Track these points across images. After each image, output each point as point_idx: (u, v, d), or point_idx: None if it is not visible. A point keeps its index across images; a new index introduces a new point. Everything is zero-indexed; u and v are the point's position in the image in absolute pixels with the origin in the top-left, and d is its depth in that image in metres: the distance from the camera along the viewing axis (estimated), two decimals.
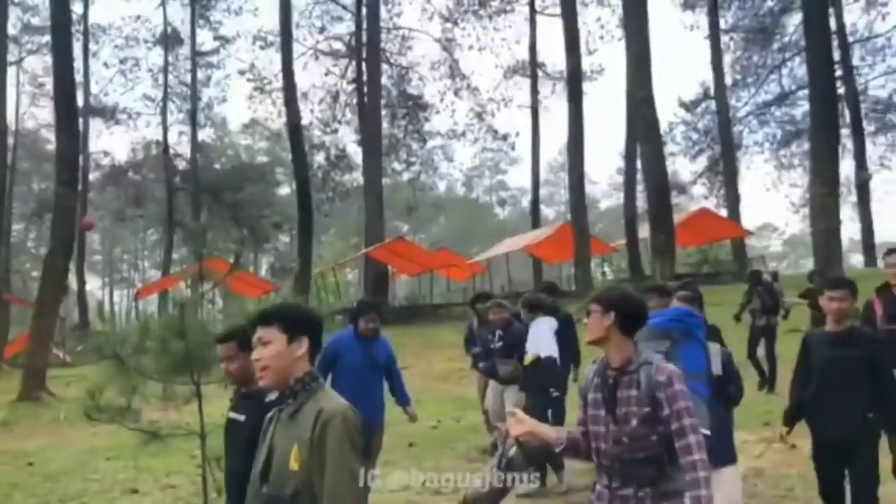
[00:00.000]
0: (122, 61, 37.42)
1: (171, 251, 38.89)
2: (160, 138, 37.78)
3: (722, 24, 33.46)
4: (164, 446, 5.73)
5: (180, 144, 38.93)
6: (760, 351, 10.17)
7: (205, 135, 42.04)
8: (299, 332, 2.22)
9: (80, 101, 35.01)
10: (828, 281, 4.73)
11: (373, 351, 5.54)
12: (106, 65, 38.00)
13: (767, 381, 9.84)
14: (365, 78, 28.74)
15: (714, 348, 3.99)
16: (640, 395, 2.53)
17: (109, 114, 37.07)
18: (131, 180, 38.53)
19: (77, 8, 34.97)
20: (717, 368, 3.89)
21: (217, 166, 43.89)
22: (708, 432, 2.86)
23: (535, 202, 34.36)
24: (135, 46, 37.82)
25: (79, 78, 34.74)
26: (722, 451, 3.83)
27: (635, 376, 2.56)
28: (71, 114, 17.02)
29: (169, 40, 37.24)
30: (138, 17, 38.25)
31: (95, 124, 37.52)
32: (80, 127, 35.80)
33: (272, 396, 2.28)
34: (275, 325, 2.20)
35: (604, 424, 2.60)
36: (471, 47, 49.79)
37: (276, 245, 48.88)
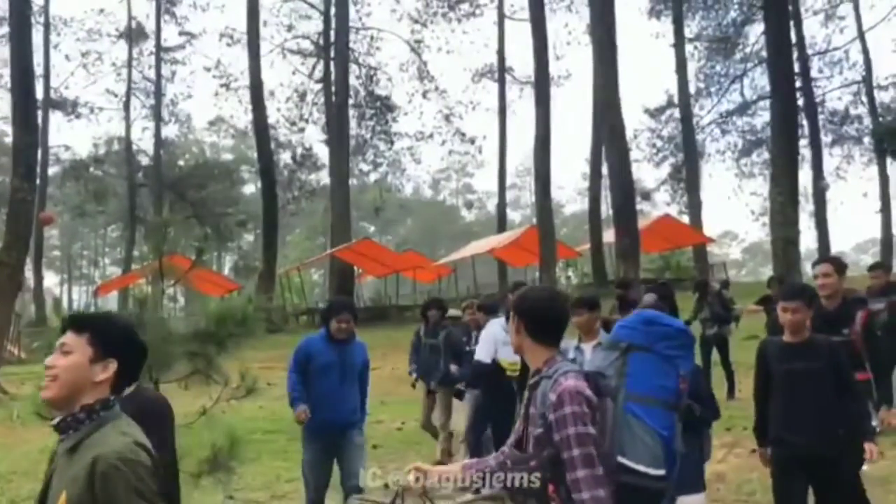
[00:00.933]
0: (84, 54, 36.63)
1: (133, 248, 38.12)
2: (123, 134, 37.07)
3: (687, 33, 33.94)
4: None
5: (143, 140, 38.26)
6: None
7: (169, 131, 41.34)
8: (110, 353, 1.87)
9: (39, 94, 34.39)
10: (781, 290, 4.44)
11: (346, 353, 5.22)
12: (67, 57, 37.18)
13: (727, 388, 9.78)
14: (333, 77, 28.52)
15: None
16: (536, 414, 2.26)
17: (70, 107, 36.19)
18: (92, 176, 37.67)
19: None
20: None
21: (181, 163, 43.17)
22: (661, 472, 2.47)
23: (502, 205, 34.45)
24: (98, 40, 37.06)
25: (39, 70, 34.15)
26: (684, 478, 3.46)
27: (537, 391, 2.29)
28: (29, 106, 16.57)
29: (133, 34, 36.56)
30: (101, 10, 37.52)
31: (56, 118, 36.61)
32: (40, 120, 35.11)
33: (54, 420, 1.88)
34: (86, 335, 1.87)
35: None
36: (439, 49, 49.86)
37: (241, 244, 48.24)
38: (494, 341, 6.18)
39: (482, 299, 7.21)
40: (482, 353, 6.21)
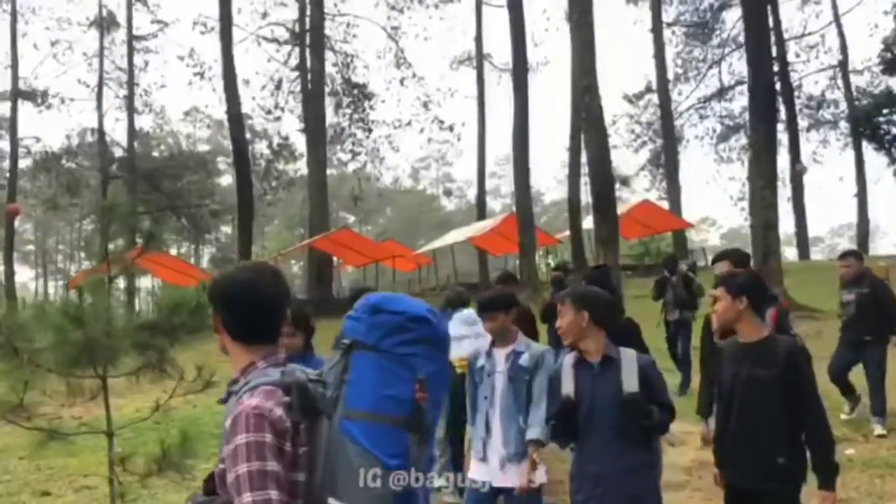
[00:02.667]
0: (54, 43, 35.77)
1: (107, 241, 37.41)
2: (96, 125, 36.30)
3: (665, 19, 33.84)
4: (77, 445, 5.28)
5: (117, 131, 37.61)
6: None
7: (143, 122, 40.61)
8: None
9: (7, 84, 33.61)
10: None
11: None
12: (36, 46, 36.28)
13: (680, 382, 8.89)
14: (308, 65, 28.05)
15: (627, 355, 3.23)
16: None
17: (40, 98, 35.34)
18: (65, 168, 36.90)
19: None
20: (630, 384, 3.12)
21: (156, 154, 42.47)
22: None
23: (481, 194, 34.20)
24: (68, 29, 36.31)
25: (7, 60, 33.37)
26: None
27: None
28: None
29: (104, 23, 35.71)
30: None
31: (25, 108, 35.78)
32: (8, 111, 34.40)
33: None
34: None
35: None
36: (417, 36, 49.36)
37: (219, 236, 47.67)
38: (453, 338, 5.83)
39: (448, 291, 6.71)
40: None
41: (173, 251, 52.49)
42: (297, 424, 1.70)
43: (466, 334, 5.70)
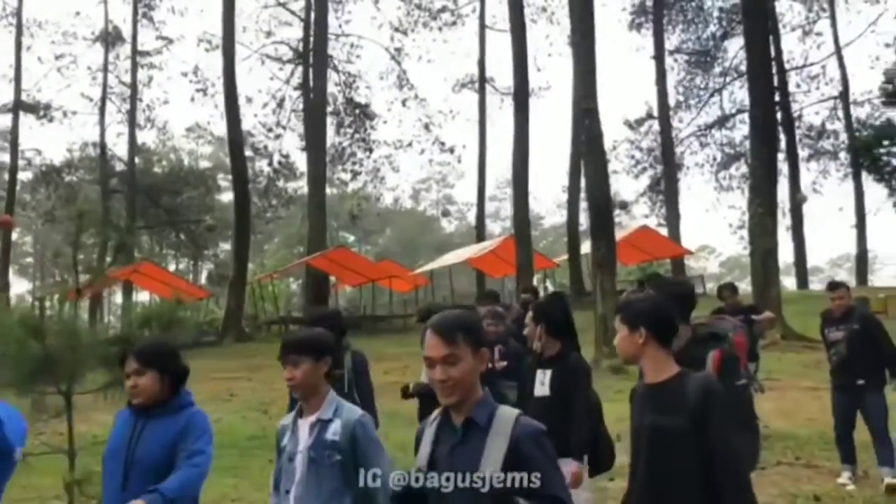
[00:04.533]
0: (58, 57, 35.83)
1: (105, 255, 37.26)
2: (97, 139, 36.28)
3: (667, 46, 33.96)
4: (37, 466, 5.02)
5: (118, 146, 37.48)
6: None
7: (146, 137, 40.60)
8: None
9: (10, 96, 33.60)
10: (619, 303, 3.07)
11: (143, 435, 2.98)
12: (40, 60, 36.27)
13: None
14: (311, 84, 28.05)
15: (502, 418, 2.08)
16: None
17: (43, 110, 35.33)
18: (65, 181, 36.80)
19: (10, 0, 33.51)
20: (490, 464, 2.13)
21: (157, 170, 42.43)
22: None
23: (481, 216, 34.05)
24: (73, 43, 36.29)
25: (10, 72, 33.37)
26: None
27: None
28: None
29: (109, 38, 35.81)
30: (77, 13, 36.77)
31: (27, 121, 35.74)
32: (9, 123, 34.36)
33: None
34: None
35: None
36: (420, 58, 49.62)
37: (217, 252, 47.46)
38: None
39: (424, 308, 6.39)
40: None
41: (172, 267, 52.34)
42: None
43: None
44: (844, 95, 34.07)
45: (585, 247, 23.58)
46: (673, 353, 2.85)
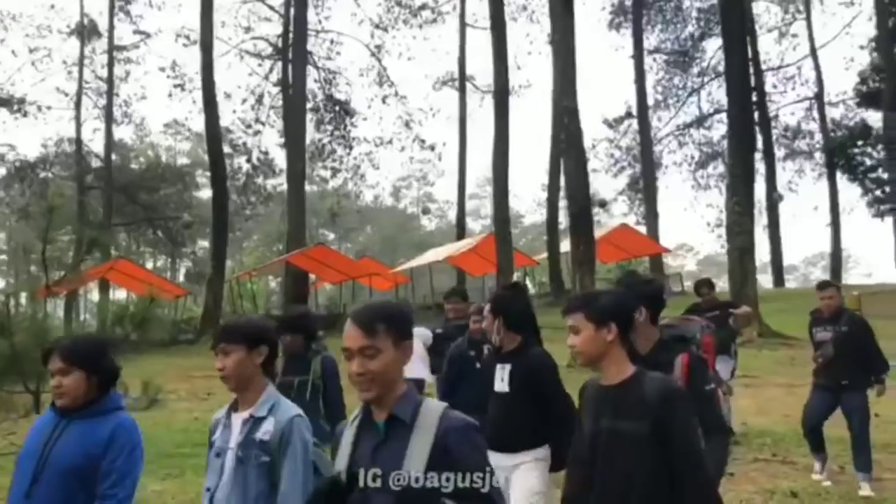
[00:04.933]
0: (32, 50, 35.24)
1: (81, 252, 36.72)
2: (73, 134, 35.74)
3: (646, 46, 34.16)
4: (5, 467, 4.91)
5: (94, 141, 36.99)
6: None
7: (122, 133, 40.11)
8: None
9: None
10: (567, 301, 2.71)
11: (59, 440, 2.76)
12: (14, 53, 35.69)
13: None
14: (290, 80, 27.85)
15: (427, 414, 1.95)
16: None
17: (17, 105, 34.72)
18: (39, 177, 36.21)
19: None
20: (414, 463, 1.94)
21: (134, 166, 41.91)
22: None
23: (461, 214, 34.07)
24: (48, 36, 35.71)
25: None
26: None
27: None
28: None
29: (85, 32, 35.27)
30: (52, 6, 36.19)
31: (1, 115, 35.12)
32: None
33: None
34: None
35: None
36: (400, 55, 49.43)
37: (196, 250, 47.03)
38: (418, 356, 5.37)
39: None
40: (415, 369, 5.23)
41: (149, 264, 51.76)
42: None
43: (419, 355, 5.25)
44: (819, 96, 34.52)
45: (565, 245, 23.65)
46: (640, 357, 2.79)
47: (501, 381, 3.75)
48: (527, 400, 3.64)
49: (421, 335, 5.35)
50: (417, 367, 5.21)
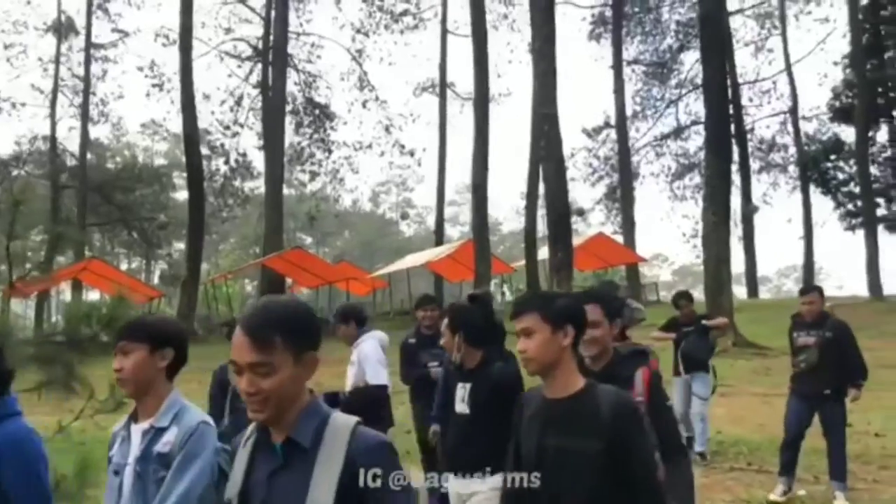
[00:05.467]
0: (7, 47, 34.65)
1: (55, 251, 36.11)
2: (48, 132, 35.16)
3: (625, 57, 34.43)
4: None
5: (69, 140, 36.41)
6: None
7: (99, 132, 39.63)
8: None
9: None
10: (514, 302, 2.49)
11: None
12: None
13: None
14: (270, 82, 27.66)
15: (333, 434, 1.68)
16: None
17: None
18: (13, 175, 35.54)
19: None
20: (320, 496, 1.71)
21: (110, 166, 41.34)
22: None
23: (440, 220, 34.03)
24: (24, 32, 35.14)
25: None
26: None
27: None
28: None
29: (62, 29, 34.76)
30: (29, 2, 35.64)
31: None
32: None
33: None
34: None
35: None
36: (381, 60, 49.26)
37: (171, 252, 46.48)
38: (379, 361, 5.14)
39: (344, 305, 6.00)
40: (379, 375, 5.07)
41: (124, 266, 51.06)
42: None
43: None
44: (794, 111, 34.99)
45: (542, 252, 23.70)
46: (595, 372, 2.64)
47: (462, 401, 3.48)
48: (488, 422, 3.32)
49: (379, 338, 5.26)
50: (379, 372, 5.08)
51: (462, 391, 3.49)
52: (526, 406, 2.38)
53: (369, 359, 5.05)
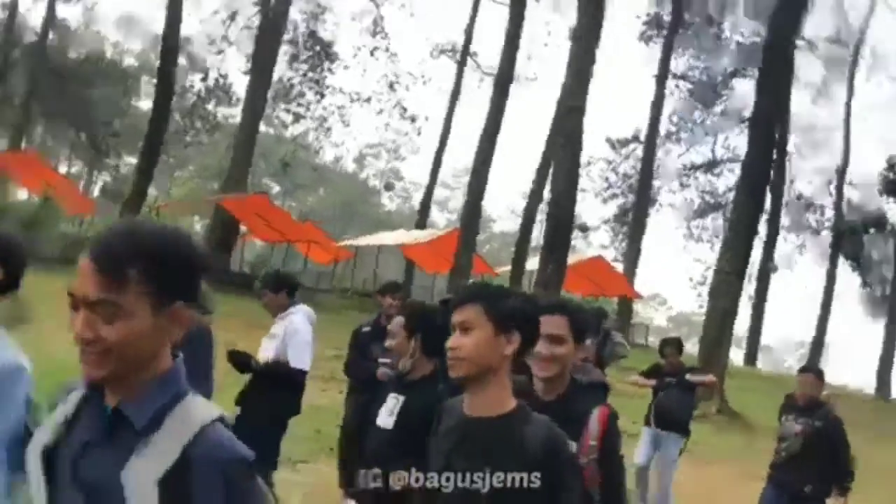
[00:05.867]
0: None
1: None
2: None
3: (672, 68, 34.23)
4: None
5: (32, 12, 35.71)
6: None
7: (67, 13, 38.76)
8: None
9: None
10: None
11: None
12: None
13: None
14: (272, 2, 27.27)
15: (180, 420, 1.50)
16: None
17: None
18: None
19: None
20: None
21: (73, 54, 40.65)
22: None
23: (427, 200, 33.79)
24: None
25: None
26: None
27: None
28: None
29: None
30: None
31: None
32: None
33: None
34: None
35: None
36: (403, 6, 48.77)
37: (119, 164, 45.91)
38: (307, 342, 5.13)
39: (266, 273, 5.90)
40: (303, 358, 5.07)
41: (63, 168, 50.31)
42: None
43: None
44: (842, 171, 35.15)
45: (532, 263, 23.64)
46: (547, 402, 2.52)
47: (389, 413, 3.28)
48: (410, 447, 2.93)
49: (308, 314, 5.19)
50: (305, 354, 5.03)
51: (393, 402, 3.31)
52: (446, 416, 2.24)
53: (298, 337, 5.02)
